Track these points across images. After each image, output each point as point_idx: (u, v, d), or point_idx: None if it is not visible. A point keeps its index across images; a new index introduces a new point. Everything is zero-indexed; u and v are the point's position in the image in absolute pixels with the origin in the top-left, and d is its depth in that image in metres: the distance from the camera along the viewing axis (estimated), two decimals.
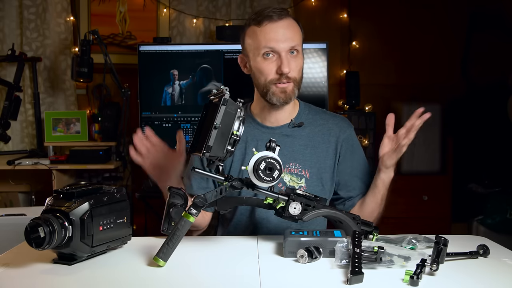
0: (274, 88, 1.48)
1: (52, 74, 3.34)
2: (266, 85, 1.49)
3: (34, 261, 1.18)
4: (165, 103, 3.04)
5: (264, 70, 1.48)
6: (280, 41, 1.45)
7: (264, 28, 1.47)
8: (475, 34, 3.49)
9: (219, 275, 1.11)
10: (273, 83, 1.48)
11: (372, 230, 1.26)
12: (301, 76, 1.53)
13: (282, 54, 1.46)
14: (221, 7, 3.35)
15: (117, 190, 1.25)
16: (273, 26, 1.46)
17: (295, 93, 1.50)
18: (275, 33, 1.46)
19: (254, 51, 1.49)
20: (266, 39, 1.46)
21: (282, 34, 1.46)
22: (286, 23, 1.48)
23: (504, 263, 1.19)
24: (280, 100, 1.49)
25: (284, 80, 1.47)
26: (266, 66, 1.48)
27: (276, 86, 1.48)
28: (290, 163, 1.53)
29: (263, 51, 1.47)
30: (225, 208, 1.26)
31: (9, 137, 3.08)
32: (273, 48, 1.46)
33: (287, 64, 1.45)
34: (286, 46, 1.46)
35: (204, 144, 1.12)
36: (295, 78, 1.49)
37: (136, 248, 1.28)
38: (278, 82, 1.47)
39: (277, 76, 1.47)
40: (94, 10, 3.38)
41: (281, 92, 1.48)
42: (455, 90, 3.49)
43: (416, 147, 3.19)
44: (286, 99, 1.49)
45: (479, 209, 3.25)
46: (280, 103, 1.50)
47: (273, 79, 1.48)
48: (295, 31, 1.50)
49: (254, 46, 1.49)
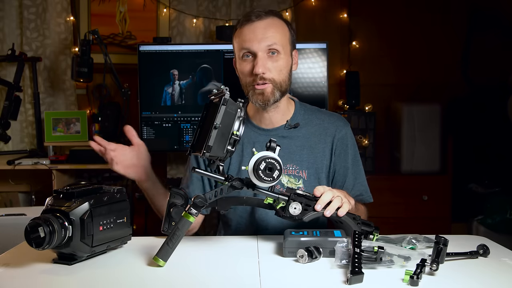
0: (252, 91, 1.47)
1: (52, 74, 3.34)
2: (246, 86, 1.49)
3: (34, 261, 1.18)
4: (165, 103, 3.04)
5: (243, 71, 1.48)
6: (255, 41, 1.44)
7: (242, 30, 1.47)
8: (475, 34, 3.49)
9: (219, 275, 1.11)
10: (251, 85, 1.47)
11: (372, 230, 1.26)
12: (285, 77, 1.48)
13: (258, 54, 1.44)
14: (221, 7, 3.35)
15: (117, 190, 1.25)
16: (250, 27, 1.45)
17: (275, 95, 1.47)
18: (251, 33, 1.44)
19: (236, 53, 1.50)
20: (243, 40, 1.46)
21: (258, 34, 1.44)
22: (265, 23, 1.45)
23: (504, 263, 1.19)
24: (259, 102, 1.47)
25: (259, 81, 1.44)
26: (244, 68, 1.47)
27: (254, 88, 1.46)
28: (287, 165, 1.52)
29: (242, 53, 1.47)
30: (225, 208, 1.26)
31: (9, 137, 3.08)
32: (248, 48, 1.45)
33: (261, 64, 1.43)
34: (262, 46, 1.44)
35: (204, 144, 1.12)
36: (273, 79, 1.45)
37: (136, 248, 1.28)
38: (255, 84, 1.46)
39: (253, 77, 1.45)
40: (94, 10, 3.38)
41: (258, 94, 1.46)
42: (455, 90, 3.49)
43: (416, 147, 3.19)
44: (264, 101, 1.47)
45: (479, 209, 3.25)
46: (260, 105, 1.49)
47: (250, 80, 1.46)
48: (276, 31, 1.46)
49: (236, 48, 1.50)
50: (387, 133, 3.42)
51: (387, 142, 3.41)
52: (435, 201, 3.15)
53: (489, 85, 3.42)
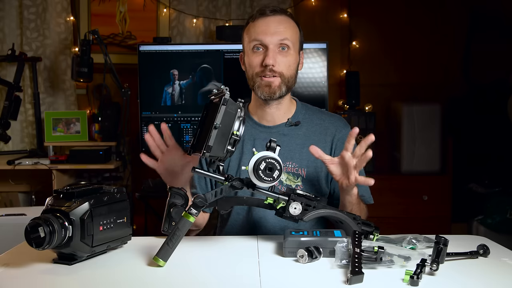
0: (259, 81, 1.49)
1: (52, 74, 3.34)
2: (253, 77, 1.51)
3: (34, 261, 1.18)
4: (165, 103, 3.04)
5: (252, 63, 1.50)
6: (268, 34, 1.47)
7: (256, 22, 1.50)
8: (475, 34, 3.48)
9: (219, 275, 1.11)
10: (258, 76, 1.49)
11: (372, 230, 1.26)
12: (292, 74, 1.51)
13: (269, 46, 1.47)
14: (221, 7, 3.35)
15: (117, 190, 1.25)
16: (265, 20, 1.49)
17: (281, 89, 1.49)
18: (264, 26, 1.48)
19: (247, 45, 1.52)
20: (256, 32, 1.48)
21: (272, 28, 1.47)
22: (279, 19, 1.49)
23: (504, 263, 1.19)
24: (265, 93, 1.49)
25: (268, 72, 1.47)
26: (254, 59, 1.50)
27: (261, 79, 1.49)
28: (287, 162, 1.53)
29: (253, 45, 1.49)
30: (225, 208, 1.27)
31: (9, 137, 3.08)
32: (261, 40, 1.47)
33: (272, 56, 1.46)
34: (274, 40, 1.47)
35: (204, 144, 1.12)
36: (282, 73, 1.48)
37: (136, 248, 1.28)
38: (263, 75, 1.48)
39: (262, 69, 1.48)
40: (94, 10, 3.38)
41: (265, 85, 1.49)
42: (455, 90, 3.49)
43: (416, 147, 3.19)
44: (271, 94, 1.49)
45: (479, 209, 3.25)
46: (265, 97, 1.50)
47: (259, 71, 1.49)
48: (288, 27, 1.50)
49: (247, 41, 1.52)
50: (387, 133, 3.42)
51: (387, 142, 3.41)
52: (435, 201, 3.15)
53: (489, 85, 3.42)
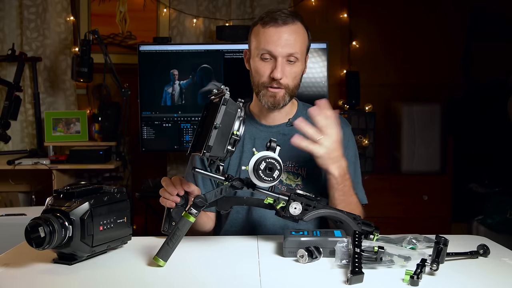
0: (264, 91, 1.50)
1: (52, 74, 3.34)
2: (259, 85, 1.51)
3: (34, 261, 1.18)
4: (165, 103, 3.04)
5: (259, 71, 1.50)
6: (279, 46, 1.45)
7: (267, 30, 1.47)
8: (475, 33, 3.48)
9: (219, 275, 1.11)
10: (264, 86, 1.50)
11: (372, 230, 1.26)
12: (297, 83, 1.52)
13: (278, 59, 1.46)
14: (221, 7, 3.35)
15: (117, 190, 1.25)
16: (276, 30, 1.46)
17: (285, 99, 1.51)
18: (275, 37, 1.46)
19: (255, 50, 1.51)
20: (266, 42, 1.47)
21: (283, 40, 1.45)
22: (290, 29, 1.47)
23: (504, 263, 1.19)
24: (268, 103, 1.50)
25: (275, 85, 1.48)
26: (261, 68, 1.49)
27: (267, 90, 1.49)
28: (287, 162, 1.53)
29: (261, 52, 1.48)
30: (225, 208, 1.27)
31: (9, 137, 3.08)
32: (270, 51, 1.46)
33: (280, 70, 1.46)
34: (283, 52, 1.46)
35: (204, 144, 1.12)
36: (287, 85, 1.49)
37: (136, 248, 1.28)
38: (269, 86, 1.49)
39: (269, 80, 1.48)
40: (94, 10, 3.38)
41: (270, 96, 1.50)
42: (455, 90, 3.49)
43: (416, 147, 3.19)
44: (275, 104, 1.50)
45: (479, 209, 3.25)
46: (268, 107, 1.52)
47: (265, 82, 1.49)
48: (298, 39, 1.48)
49: (255, 45, 1.51)
50: (387, 133, 3.42)
51: (387, 142, 3.41)
52: (435, 201, 3.15)
53: (489, 85, 3.42)
